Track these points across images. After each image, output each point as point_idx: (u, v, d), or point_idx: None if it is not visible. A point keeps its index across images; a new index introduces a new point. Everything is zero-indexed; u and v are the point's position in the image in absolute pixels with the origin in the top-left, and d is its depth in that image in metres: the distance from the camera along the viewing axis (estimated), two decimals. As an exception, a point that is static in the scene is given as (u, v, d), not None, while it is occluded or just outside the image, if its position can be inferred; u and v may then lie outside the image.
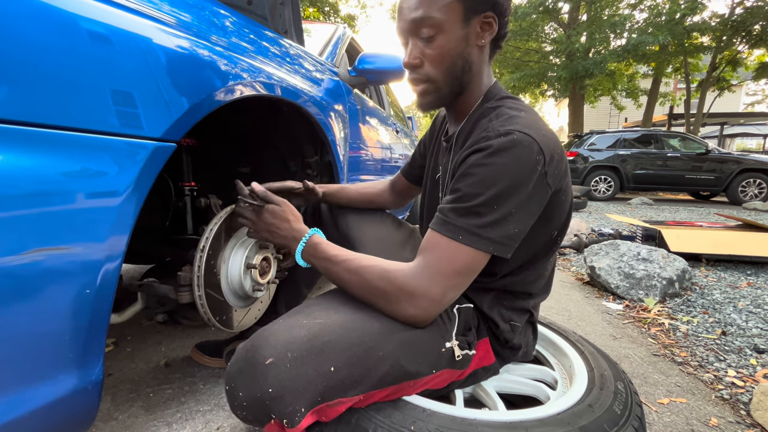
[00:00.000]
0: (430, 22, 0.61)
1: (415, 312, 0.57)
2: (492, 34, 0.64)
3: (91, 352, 0.45)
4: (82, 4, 0.44)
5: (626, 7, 10.96)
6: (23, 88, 0.39)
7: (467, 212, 0.56)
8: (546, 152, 0.57)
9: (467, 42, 0.63)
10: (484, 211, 0.55)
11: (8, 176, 0.37)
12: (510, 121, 0.59)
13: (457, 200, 0.58)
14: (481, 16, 0.62)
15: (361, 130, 1.58)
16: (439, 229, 0.57)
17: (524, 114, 0.61)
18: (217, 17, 0.73)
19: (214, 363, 1.06)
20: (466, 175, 0.58)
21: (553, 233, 0.68)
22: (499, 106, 0.65)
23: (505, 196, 0.55)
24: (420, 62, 0.64)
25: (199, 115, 0.58)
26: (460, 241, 0.56)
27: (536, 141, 0.56)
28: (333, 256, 0.64)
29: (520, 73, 11.52)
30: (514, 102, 0.66)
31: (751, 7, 9.24)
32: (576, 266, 2.44)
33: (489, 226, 0.55)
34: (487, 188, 0.55)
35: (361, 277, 0.60)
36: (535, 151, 0.56)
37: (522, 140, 0.56)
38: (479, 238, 0.55)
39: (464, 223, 0.56)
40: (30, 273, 0.39)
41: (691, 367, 1.19)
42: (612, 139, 7.18)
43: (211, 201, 0.88)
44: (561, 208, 0.66)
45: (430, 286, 0.56)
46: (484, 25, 0.63)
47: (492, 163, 0.56)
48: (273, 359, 0.48)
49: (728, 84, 11.09)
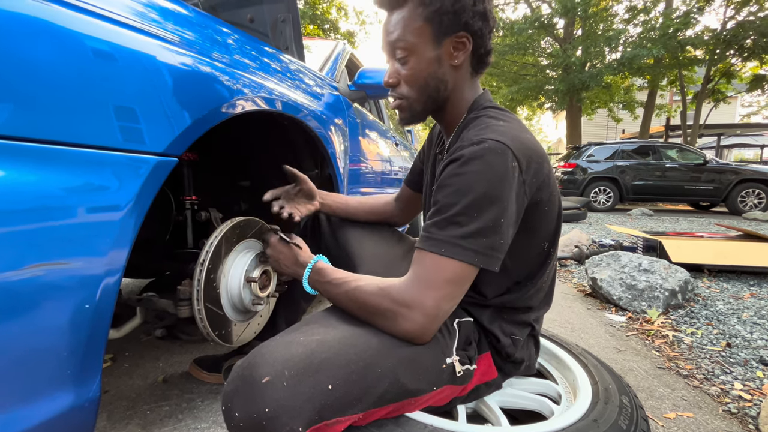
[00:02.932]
0: (402, 44, 0.64)
1: (412, 327, 0.57)
2: (466, 53, 0.66)
3: (88, 368, 0.44)
4: (87, 23, 0.45)
5: (620, 22, 11.19)
6: (30, 105, 0.39)
7: (447, 223, 0.56)
8: (521, 159, 0.58)
9: (440, 63, 0.65)
10: (463, 220, 0.55)
11: (12, 191, 0.37)
12: (485, 130, 0.60)
13: (436, 212, 0.58)
14: (453, 38, 0.64)
15: (360, 143, 1.60)
16: (423, 246, 0.58)
17: (503, 123, 0.62)
18: (219, 35, 0.75)
19: (213, 378, 1.05)
20: (443, 186, 0.59)
21: (543, 245, 0.68)
22: (479, 116, 0.67)
23: (482, 204, 0.55)
24: (396, 81, 0.68)
25: (201, 131, 0.58)
26: (443, 254, 0.55)
27: (509, 148, 0.57)
28: (334, 278, 0.65)
29: (517, 87, 11.69)
30: (495, 111, 0.67)
31: (742, 21, 9.43)
32: (577, 278, 2.43)
33: (470, 236, 0.55)
34: (462, 196, 0.56)
35: (358, 296, 0.60)
36: (509, 158, 0.56)
37: (494, 147, 0.56)
38: (462, 249, 0.55)
39: (445, 235, 0.56)
40: (30, 288, 0.39)
41: (697, 380, 1.17)
42: (610, 151, 7.23)
43: (212, 214, 0.88)
44: (548, 219, 0.66)
45: (422, 299, 0.56)
46: (457, 45, 0.65)
47: (465, 172, 0.56)
48: (270, 378, 0.47)
49: (723, 96, 11.22)
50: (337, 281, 0.65)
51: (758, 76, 10.35)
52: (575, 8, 10.03)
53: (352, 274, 0.66)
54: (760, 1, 9.24)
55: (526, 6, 12.79)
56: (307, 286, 0.70)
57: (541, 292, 0.73)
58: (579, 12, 10.23)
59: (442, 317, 0.58)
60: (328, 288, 0.66)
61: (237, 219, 0.83)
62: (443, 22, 0.62)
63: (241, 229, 0.83)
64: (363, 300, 0.60)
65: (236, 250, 0.82)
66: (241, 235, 0.84)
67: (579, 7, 10.01)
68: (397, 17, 0.64)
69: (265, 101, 0.78)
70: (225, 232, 0.78)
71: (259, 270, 0.83)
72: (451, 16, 0.62)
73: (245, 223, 0.85)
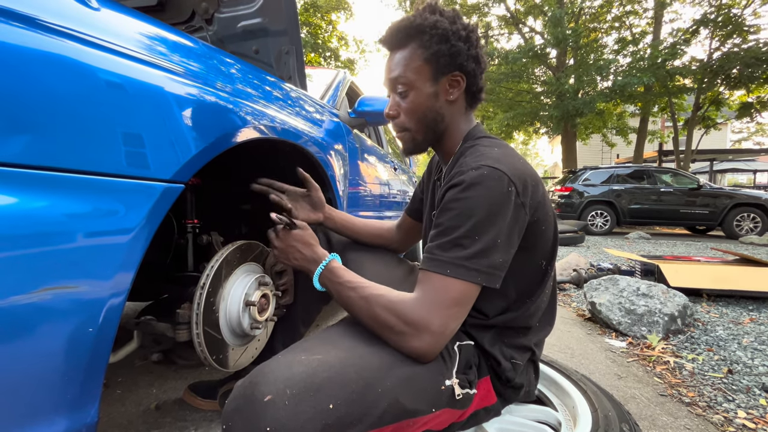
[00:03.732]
0: (403, 80, 0.71)
1: (419, 345, 0.58)
2: (460, 90, 0.73)
3: (88, 392, 0.44)
4: (98, 57, 0.48)
5: (610, 53, 11.63)
6: (46, 135, 0.41)
7: (451, 245, 0.60)
8: (517, 183, 0.62)
9: (437, 98, 0.72)
10: (466, 242, 0.59)
11: (23, 216, 0.39)
12: (481, 157, 0.65)
13: (440, 235, 0.62)
14: (449, 76, 0.71)
15: (360, 167, 1.63)
16: (429, 267, 0.61)
17: (497, 150, 0.68)
18: (224, 65, 0.78)
19: (208, 406, 1.03)
20: (446, 210, 0.63)
21: (541, 263, 0.71)
22: (474, 145, 0.72)
23: (484, 226, 0.59)
24: (396, 113, 0.74)
25: (207, 158, 0.60)
26: (448, 275, 0.58)
27: (505, 173, 0.61)
28: (347, 281, 0.67)
29: (513, 112, 11.99)
30: (489, 140, 0.73)
31: (728, 52, 9.81)
32: (576, 302, 2.42)
33: (474, 257, 0.59)
34: (465, 220, 0.59)
35: (370, 306, 0.62)
36: (506, 183, 0.61)
37: (491, 174, 0.61)
38: (466, 270, 0.58)
39: (449, 257, 0.59)
40: (37, 311, 0.39)
41: (700, 408, 1.15)
42: (606, 175, 7.33)
43: (213, 238, 0.89)
44: (544, 238, 0.70)
45: (429, 319, 0.58)
46: (453, 83, 0.72)
47: (466, 197, 0.60)
48: (272, 396, 0.47)
49: (713, 122, 11.52)
50: (351, 284, 0.66)
51: (746, 104, 10.65)
52: (566, 39, 10.45)
53: (364, 280, 0.67)
54: (743, 34, 9.64)
55: (520, 36, 13.31)
56: (317, 282, 0.72)
57: (540, 311, 0.74)
58: (570, 43, 10.66)
59: (449, 336, 0.60)
60: (339, 289, 0.68)
61: (238, 242, 0.84)
62: (440, 63, 0.70)
63: (242, 253, 0.84)
64: (373, 313, 0.61)
65: (236, 274, 0.82)
66: (242, 258, 0.84)
67: (570, 38, 10.43)
68: (399, 56, 0.71)
69: (267, 128, 0.81)
70: (226, 255, 0.79)
71: (259, 293, 0.84)
72: (448, 58, 0.69)
73: (246, 247, 0.86)
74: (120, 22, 0.55)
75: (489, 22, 13.78)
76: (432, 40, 0.69)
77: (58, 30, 0.44)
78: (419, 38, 0.70)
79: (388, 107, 0.75)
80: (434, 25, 0.69)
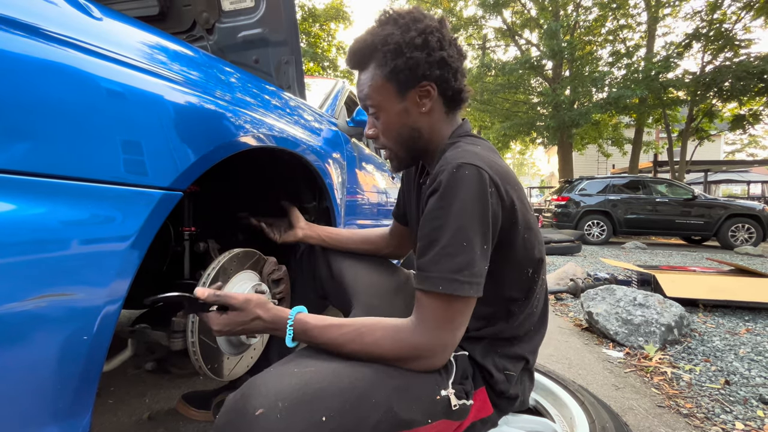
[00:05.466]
0: (371, 102, 0.70)
1: (432, 364, 0.60)
2: (432, 99, 0.69)
3: (81, 401, 0.43)
4: (99, 65, 0.48)
5: (605, 65, 11.82)
6: (48, 143, 0.42)
7: (440, 257, 0.57)
8: (497, 181, 0.60)
9: (408, 113, 0.70)
10: (453, 251, 0.56)
11: (20, 224, 0.38)
12: (459, 155, 0.61)
13: (428, 247, 0.58)
14: (416, 89, 0.68)
15: (357, 175, 1.63)
16: (423, 287, 0.58)
17: (476, 148, 0.65)
18: (224, 74, 0.79)
19: (201, 416, 1.01)
20: (429, 220, 0.60)
21: (528, 271, 0.68)
22: (455, 142, 0.70)
23: (468, 230, 0.56)
24: (375, 134, 0.73)
25: (205, 166, 0.61)
26: (441, 291, 0.56)
27: (485, 170, 0.59)
28: (333, 339, 0.60)
29: (510, 123, 12.12)
30: (470, 138, 0.70)
31: (719, 66, 9.99)
32: (574, 311, 2.42)
33: (465, 268, 0.56)
34: (449, 227, 0.57)
35: (374, 352, 0.59)
36: (486, 181, 0.58)
37: (471, 171, 0.58)
38: (459, 284, 0.56)
39: (440, 270, 0.56)
40: (32, 318, 0.39)
41: (698, 419, 1.15)
42: (602, 185, 7.39)
43: (210, 245, 0.89)
44: (528, 244, 0.66)
45: (437, 339, 0.58)
46: (422, 94, 0.68)
47: (448, 203, 0.58)
48: (263, 410, 0.47)
49: (707, 134, 11.68)
50: (340, 340, 0.59)
51: (738, 117, 10.82)
52: (562, 51, 10.62)
53: (348, 326, 0.60)
54: (734, 48, 9.84)
55: (516, 48, 13.52)
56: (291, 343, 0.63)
57: (530, 321, 0.72)
58: (566, 55, 10.84)
59: (456, 344, 0.61)
60: (330, 349, 0.61)
61: (235, 250, 0.84)
62: (401, 78, 0.67)
63: (239, 261, 0.84)
64: (380, 355, 0.58)
65: (233, 282, 0.82)
66: (239, 266, 0.84)
67: (566, 50, 10.61)
68: (364, 77, 0.70)
69: (266, 137, 0.81)
70: (223, 263, 0.79)
71: (255, 302, 0.83)
72: (407, 72, 0.66)
73: (243, 255, 0.86)
74: (122, 31, 0.55)
75: (486, 34, 14.01)
76: (387, 57, 0.65)
77: (61, 39, 0.44)
78: (375, 57, 0.67)
79: (367, 127, 0.74)
80: (385, 40, 0.65)
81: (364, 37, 0.68)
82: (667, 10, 11.17)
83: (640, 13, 11.68)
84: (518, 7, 12.68)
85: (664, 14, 11.23)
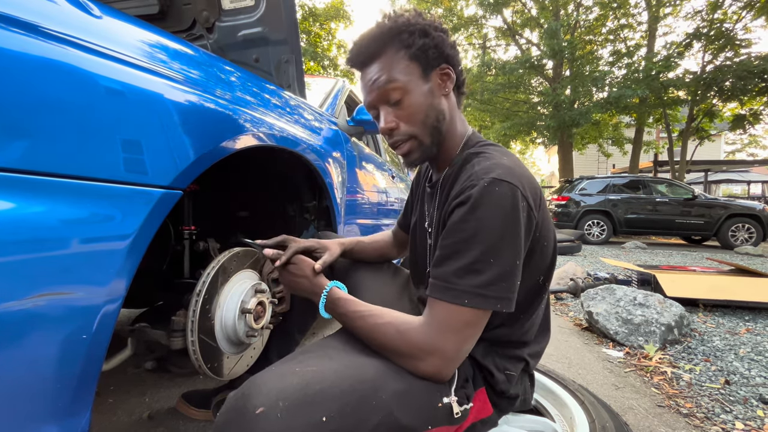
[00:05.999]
0: (394, 85, 0.65)
1: (431, 369, 0.58)
2: (453, 83, 0.69)
3: (80, 400, 0.43)
4: (98, 64, 0.48)
5: (605, 65, 11.81)
6: (47, 141, 0.41)
7: (466, 272, 0.56)
8: (529, 197, 0.59)
9: (433, 94, 0.68)
10: (481, 267, 0.55)
11: (19, 222, 0.38)
12: (492, 168, 0.60)
13: (452, 259, 0.58)
14: (438, 70, 0.68)
15: (357, 175, 1.63)
16: (443, 297, 0.57)
17: (506, 160, 0.63)
18: (224, 73, 0.79)
19: (201, 415, 1.01)
20: (456, 231, 0.58)
21: (539, 278, 0.68)
22: (481, 152, 0.67)
23: (499, 248, 0.56)
24: (396, 125, 0.68)
25: (205, 165, 0.61)
26: (465, 305, 0.56)
27: (518, 187, 0.58)
28: (351, 312, 0.65)
29: (510, 122, 12.10)
30: (495, 148, 0.69)
31: (720, 65, 9.98)
32: (574, 311, 2.42)
33: (492, 283, 0.55)
34: (479, 243, 0.56)
35: (377, 336, 0.61)
36: (519, 197, 0.57)
37: (504, 188, 0.57)
38: (484, 299, 0.55)
39: (465, 285, 0.56)
40: (31, 317, 0.39)
41: (698, 419, 1.15)
42: (602, 185, 7.39)
43: (209, 245, 0.89)
44: (545, 254, 0.67)
45: (442, 344, 0.57)
46: (443, 77, 0.68)
47: (477, 218, 0.56)
48: (264, 408, 0.47)
49: (707, 134, 11.66)
50: (356, 314, 0.64)
51: (739, 116, 10.80)
52: (562, 51, 10.61)
53: (367, 306, 0.65)
54: (735, 48, 9.83)
55: (517, 48, 13.50)
56: (324, 313, 0.71)
57: (535, 326, 0.72)
58: (566, 54, 10.82)
59: (462, 357, 0.59)
60: (345, 320, 0.67)
61: (235, 249, 0.84)
62: (429, 56, 0.66)
63: (238, 260, 0.84)
64: (382, 341, 0.60)
65: (232, 281, 0.82)
66: (239, 265, 0.84)
67: (566, 50, 10.59)
68: (379, 65, 0.66)
69: (266, 136, 0.81)
70: (222, 262, 0.79)
71: (255, 301, 0.83)
72: (435, 50, 0.66)
73: (243, 254, 0.86)
74: (121, 29, 0.55)
75: (486, 34, 13.99)
76: (413, 37, 0.65)
77: (60, 37, 0.44)
78: (398, 39, 0.65)
79: (384, 120, 0.68)
80: (408, 22, 0.66)
81: (379, 26, 0.67)
82: (668, 9, 11.16)
83: (640, 13, 11.67)
84: (518, 7, 12.67)
85: (665, 14, 11.21)
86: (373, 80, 0.67)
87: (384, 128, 0.69)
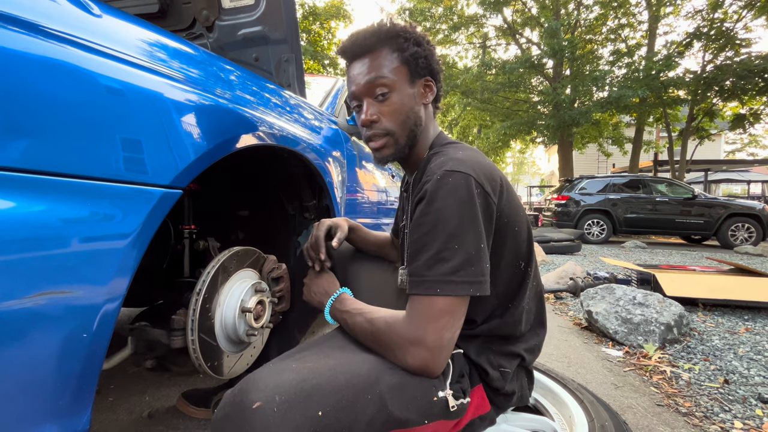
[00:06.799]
0: (383, 81, 0.69)
1: (418, 362, 0.58)
2: (432, 95, 0.75)
3: (80, 399, 0.43)
4: (98, 63, 0.48)
5: (606, 64, 11.79)
6: (49, 141, 0.42)
7: (434, 261, 0.58)
8: (483, 182, 0.62)
9: (414, 100, 0.72)
10: (447, 255, 0.58)
11: (19, 221, 0.38)
12: (445, 162, 0.63)
13: (420, 252, 0.60)
14: (423, 80, 0.73)
15: (357, 174, 1.63)
16: (418, 291, 0.59)
17: (461, 153, 0.67)
18: (224, 72, 0.79)
19: (201, 414, 1.01)
20: (419, 226, 0.62)
21: (520, 264, 0.71)
22: (439, 151, 0.71)
23: (460, 234, 0.58)
24: (377, 118, 0.71)
25: (205, 164, 0.61)
26: (438, 294, 0.58)
27: (470, 175, 0.61)
28: (352, 309, 0.69)
29: (510, 122, 12.09)
30: (455, 145, 0.73)
31: (721, 65, 9.97)
32: (573, 310, 2.42)
33: (460, 269, 0.58)
34: (440, 232, 0.59)
35: (371, 328, 0.63)
36: (473, 184, 0.60)
37: (456, 177, 0.60)
38: (455, 285, 0.58)
39: (435, 274, 0.58)
40: (32, 316, 0.39)
41: (697, 418, 1.15)
42: (602, 184, 7.38)
43: (210, 244, 0.89)
44: (518, 238, 0.69)
45: (423, 334, 0.58)
46: (426, 87, 0.74)
47: (435, 209, 0.59)
48: (261, 403, 0.47)
49: (707, 133, 11.66)
50: (354, 311, 0.68)
51: (739, 116, 10.79)
52: (563, 50, 10.59)
53: (367, 306, 0.68)
54: (735, 47, 9.82)
55: (517, 47, 13.49)
56: (328, 315, 0.74)
57: (526, 318, 0.73)
58: (566, 54, 10.80)
59: (447, 347, 0.60)
60: (345, 317, 0.69)
61: (235, 248, 0.84)
62: (418, 65, 0.71)
63: (238, 259, 0.84)
64: (375, 334, 0.62)
65: (232, 280, 0.82)
66: (239, 264, 0.84)
67: (566, 49, 10.57)
68: (371, 60, 0.70)
69: (266, 135, 0.81)
70: (223, 261, 0.79)
71: (255, 300, 0.83)
72: (423, 61, 0.71)
73: (243, 253, 0.86)
74: (121, 28, 0.55)
75: (486, 33, 13.97)
76: (407, 43, 0.70)
77: (60, 36, 0.44)
78: (393, 41, 0.70)
79: (366, 113, 0.71)
80: (405, 30, 0.70)
81: (377, 26, 0.71)
82: (669, 9, 11.15)
83: (641, 12, 11.66)
84: (519, 6, 12.65)
85: (666, 13, 11.20)
86: (363, 73, 0.71)
87: (365, 120, 0.71)
